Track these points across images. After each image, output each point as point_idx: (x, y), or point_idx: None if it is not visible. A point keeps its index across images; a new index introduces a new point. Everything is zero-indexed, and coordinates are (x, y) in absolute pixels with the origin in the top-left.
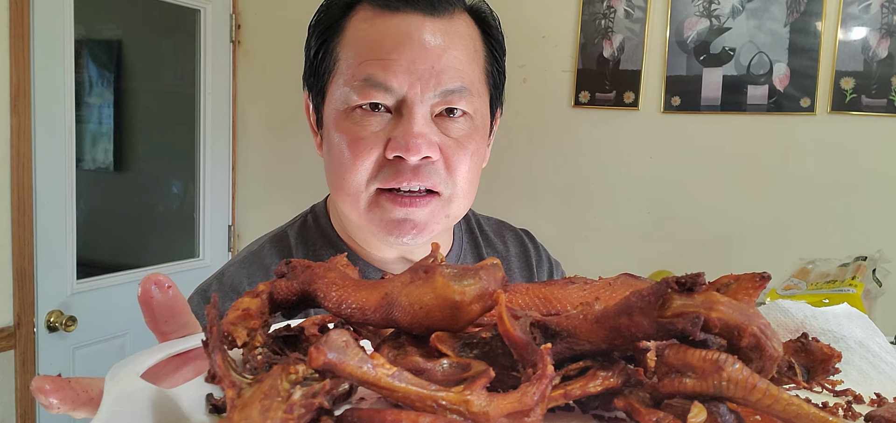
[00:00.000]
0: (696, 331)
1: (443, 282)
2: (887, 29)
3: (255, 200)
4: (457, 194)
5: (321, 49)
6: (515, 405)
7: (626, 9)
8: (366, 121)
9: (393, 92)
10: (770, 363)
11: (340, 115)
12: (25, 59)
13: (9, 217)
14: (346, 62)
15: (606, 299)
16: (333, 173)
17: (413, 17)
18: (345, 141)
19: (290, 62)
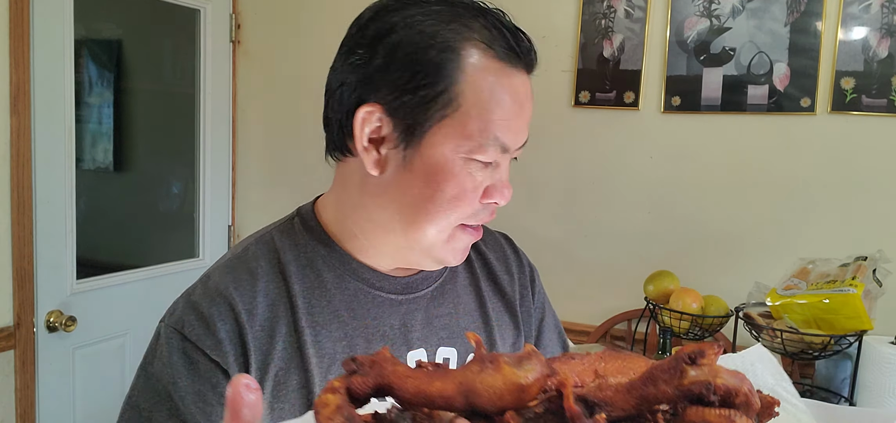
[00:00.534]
0: (710, 395)
1: (509, 370)
2: (887, 29)
3: (255, 200)
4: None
5: (427, 84)
6: None
7: (626, 9)
8: (478, 173)
9: (508, 151)
10: (753, 414)
11: (453, 160)
12: (25, 59)
13: (8, 217)
14: (468, 114)
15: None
16: (431, 209)
17: (522, 75)
18: (458, 188)
19: (290, 62)
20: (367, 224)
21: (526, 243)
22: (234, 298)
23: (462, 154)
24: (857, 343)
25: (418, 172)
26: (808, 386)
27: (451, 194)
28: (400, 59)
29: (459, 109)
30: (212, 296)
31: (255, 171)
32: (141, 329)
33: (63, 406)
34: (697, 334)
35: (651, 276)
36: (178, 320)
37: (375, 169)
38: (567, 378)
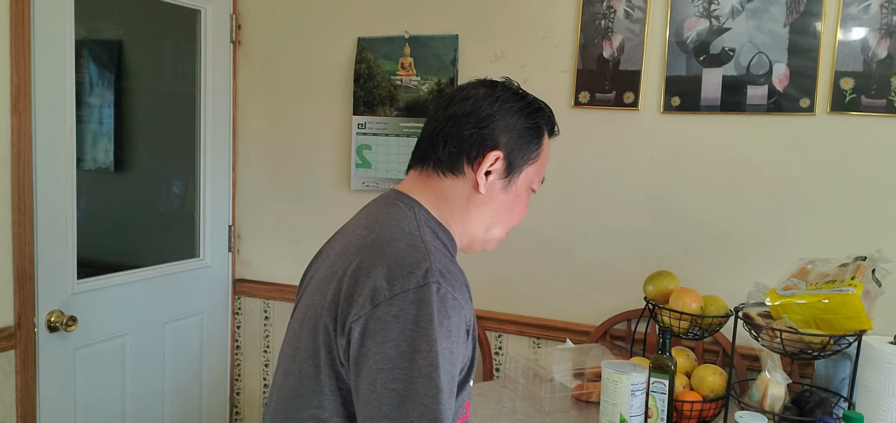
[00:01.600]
0: None
1: None
2: (887, 29)
3: (256, 200)
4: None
5: (531, 140)
6: None
7: (625, 9)
8: (528, 198)
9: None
10: None
11: (526, 189)
12: (26, 59)
13: (9, 217)
14: (540, 164)
15: None
16: (509, 219)
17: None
18: (522, 207)
19: (290, 62)
20: (461, 222)
21: (526, 243)
22: (456, 268)
23: (531, 187)
24: (857, 343)
25: (511, 195)
26: (807, 386)
27: (519, 211)
28: (520, 129)
29: (538, 161)
30: (456, 267)
31: (255, 171)
32: (141, 329)
33: (64, 406)
34: (697, 334)
35: (651, 276)
36: (447, 284)
37: (484, 190)
38: None
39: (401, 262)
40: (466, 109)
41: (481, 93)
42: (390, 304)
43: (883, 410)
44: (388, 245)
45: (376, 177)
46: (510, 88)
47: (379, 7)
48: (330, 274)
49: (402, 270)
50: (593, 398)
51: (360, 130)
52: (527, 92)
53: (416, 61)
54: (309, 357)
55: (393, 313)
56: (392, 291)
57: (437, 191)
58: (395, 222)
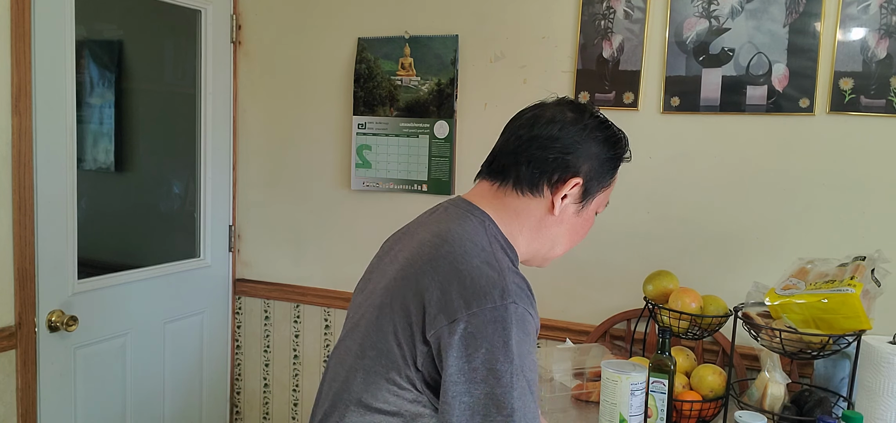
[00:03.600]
0: None
1: None
2: (886, 29)
3: (256, 200)
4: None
5: (607, 171)
6: None
7: (625, 9)
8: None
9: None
10: None
11: (593, 213)
12: (27, 59)
13: (10, 217)
14: (609, 190)
15: None
16: (573, 238)
17: None
18: (588, 228)
19: (290, 62)
20: (528, 239)
21: None
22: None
23: (598, 211)
24: (856, 343)
25: (583, 218)
26: (806, 386)
27: (584, 231)
28: (602, 159)
29: (609, 188)
30: (525, 283)
31: (255, 171)
32: (141, 329)
33: (64, 406)
34: (697, 333)
35: (650, 276)
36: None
37: (557, 212)
38: None
39: (477, 280)
40: (553, 132)
41: (569, 118)
42: (469, 321)
43: (882, 410)
44: (463, 261)
45: (376, 177)
46: (597, 116)
47: (379, 7)
48: (403, 278)
49: (478, 289)
50: (593, 398)
51: (361, 131)
52: (609, 120)
53: (416, 61)
54: (378, 355)
55: (470, 332)
56: (469, 309)
57: (512, 208)
58: (469, 236)
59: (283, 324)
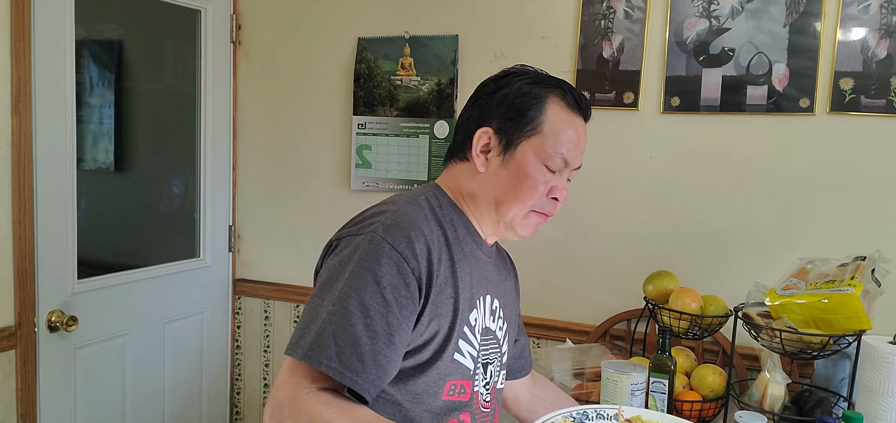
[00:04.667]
0: None
1: None
2: (886, 29)
3: (256, 200)
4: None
5: (521, 112)
6: None
7: (625, 9)
8: (546, 174)
9: (568, 166)
10: None
11: (534, 162)
12: (27, 59)
13: (10, 217)
14: (546, 135)
15: None
16: (515, 194)
17: (581, 120)
18: (532, 181)
19: (290, 62)
20: (473, 204)
21: (526, 244)
22: (423, 228)
23: (541, 161)
24: (856, 343)
25: (511, 170)
26: (806, 386)
27: (528, 186)
28: (509, 103)
29: (541, 133)
30: (410, 223)
31: (255, 171)
32: (142, 329)
33: (64, 406)
34: (697, 333)
35: (650, 276)
36: (387, 235)
37: (483, 168)
38: None
39: (358, 218)
40: (474, 99)
41: (490, 80)
42: (336, 239)
43: (882, 410)
44: (365, 211)
45: (376, 177)
46: (518, 71)
47: (379, 7)
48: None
49: (353, 222)
50: (593, 398)
51: (361, 131)
52: (539, 70)
53: (416, 61)
54: None
55: (334, 245)
56: (338, 232)
57: (454, 176)
58: (400, 198)
59: (283, 324)
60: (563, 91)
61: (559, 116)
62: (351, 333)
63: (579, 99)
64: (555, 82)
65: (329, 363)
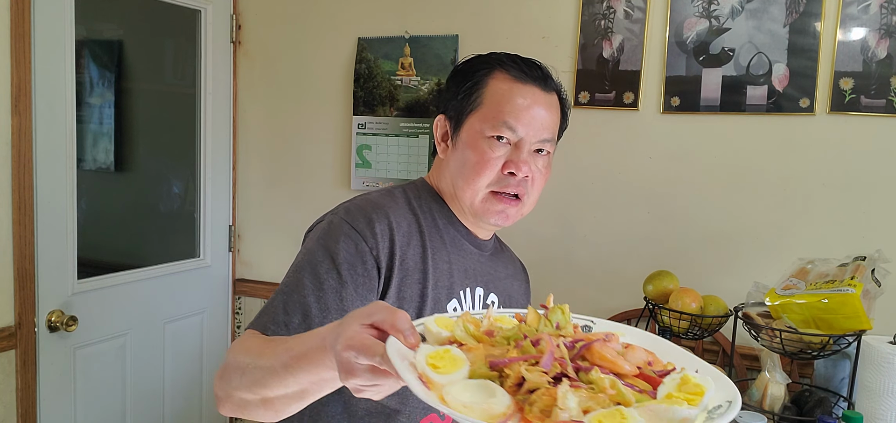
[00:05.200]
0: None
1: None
2: (886, 29)
3: (256, 200)
4: (528, 202)
5: (466, 92)
6: None
7: (625, 9)
8: (494, 147)
9: (516, 133)
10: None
11: (477, 138)
12: (26, 59)
13: (10, 217)
14: (487, 107)
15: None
16: (465, 172)
17: (533, 88)
18: (480, 157)
19: (290, 62)
20: (447, 194)
21: (526, 243)
22: (389, 211)
23: (484, 133)
24: (856, 343)
25: (459, 149)
26: (806, 386)
27: (475, 161)
28: (456, 85)
29: (483, 105)
30: (374, 206)
31: (255, 171)
32: (141, 329)
33: (64, 406)
34: (697, 333)
35: (650, 276)
36: (347, 216)
37: (443, 155)
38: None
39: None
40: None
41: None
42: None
43: (882, 410)
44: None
45: (376, 177)
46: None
47: (379, 7)
48: None
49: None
50: None
51: (360, 130)
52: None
53: (416, 61)
54: None
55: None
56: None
57: (434, 170)
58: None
59: None
60: (507, 63)
61: (502, 86)
62: (302, 303)
63: (528, 69)
64: (500, 57)
65: (276, 329)
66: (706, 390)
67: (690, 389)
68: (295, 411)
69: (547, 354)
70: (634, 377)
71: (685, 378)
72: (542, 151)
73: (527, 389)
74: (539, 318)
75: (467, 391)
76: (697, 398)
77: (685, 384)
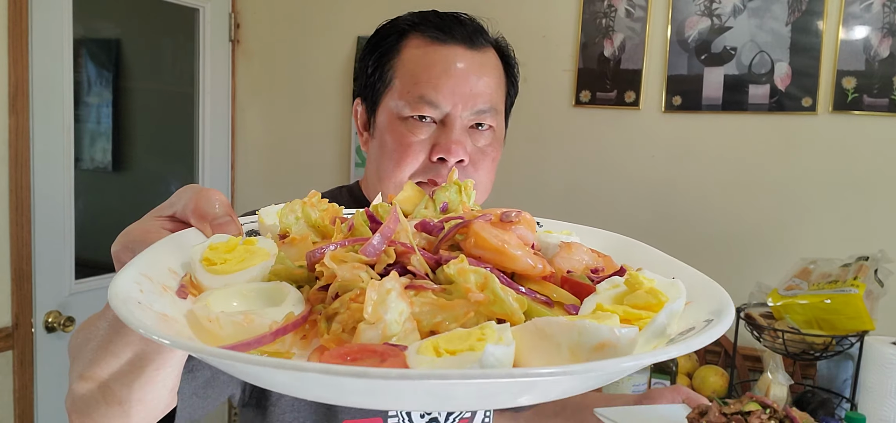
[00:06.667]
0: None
1: None
2: (889, 28)
3: (255, 199)
4: (478, 190)
5: (377, 67)
6: None
7: (626, 8)
8: (416, 129)
9: (439, 108)
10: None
11: (394, 121)
12: (24, 58)
13: (7, 217)
14: (401, 81)
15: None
16: (383, 165)
17: (457, 49)
18: (398, 143)
19: (289, 61)
20: (372, 195)
21: None
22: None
23: (400, 114)
24: (859, 344)
25: (377, 137)
26: (809, 386)
27: (393, 148)
28: (367, 61)
29: (395, 81)
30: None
31: (254, 170)
32: None
33: (61, 407)
34: None
35: None
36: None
37: (365, 148)
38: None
39: None
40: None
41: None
42: None
43: (885, 411)
44: None
45: None
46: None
47: (378, 6)
48: None
49: None
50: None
51: None
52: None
53: None
54: None
55: None
56: None
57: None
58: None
59: None
60: (421, 24)
61: (417, 53)
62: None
63: (448, 26)
64: (411, 18)
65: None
66: (666, 302)
67: (639, 300)
68: (150, 404)
69: (376, 235)
70: (543, 280)
71: (633, 282)
72: (483, 126)
73: (333, 292)
74: (421, 197)
75: (236, 299)
76: (649, 313)
77: (632, 293)
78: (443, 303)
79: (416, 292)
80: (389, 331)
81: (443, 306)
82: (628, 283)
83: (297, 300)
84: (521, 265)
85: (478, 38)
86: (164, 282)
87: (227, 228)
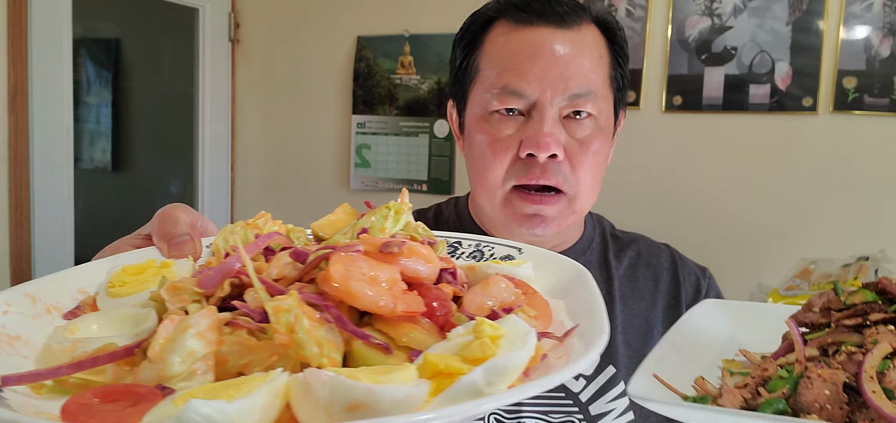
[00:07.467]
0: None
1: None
2: (889, 28)
3: (255, 199)
4: (580, 192)
5: (464, 61)
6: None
7: (627, 7)
8: (502, 124)
9: (526, 97)
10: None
11: (480, 119)
12: (23, 57)
13: (6, 217)
14: (485, 72)
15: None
16: (475, 171)
17: (545, 30)
18: (485, 142)
19: (289, 61)
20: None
21: None
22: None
23: (486, 109)
24: None
25: (469, 142)
26: None
27: (483, 147)
28: (452, 56)
29: (480, 74)
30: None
31: (254, 170)
32: None
33: None
34: None
35: None
36: None
37: (462, 152)
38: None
39: None
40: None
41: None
42: None
43: None
44: None
45: (376, 176)
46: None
47: (378, 5)
48: None
49: None
50: None
51: (360, 130)
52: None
53: (415, 60)
54: None
55: None
56: None
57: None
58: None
59: None
60: (506, 8)
61: (502, 40)
62: None
63: (536, 5)
64: (499, 3)
65: None
66: (490, 357)
67: (470, 352)
68: None
69: (216, 267)
70: (402, 320)
71: (477, 330)
72: (581, 114)
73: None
74: (349, 221)
75: (100, 323)
76: (469, 366)
77: (477, 340)
78: (252, 344)
79: (233, 330)
80: (168, 371)
81: (251, 348)
82: (474, 330)
83: (151, 326)
84: (365, 304)
85: (570, 16)
86: (56, 303)
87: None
